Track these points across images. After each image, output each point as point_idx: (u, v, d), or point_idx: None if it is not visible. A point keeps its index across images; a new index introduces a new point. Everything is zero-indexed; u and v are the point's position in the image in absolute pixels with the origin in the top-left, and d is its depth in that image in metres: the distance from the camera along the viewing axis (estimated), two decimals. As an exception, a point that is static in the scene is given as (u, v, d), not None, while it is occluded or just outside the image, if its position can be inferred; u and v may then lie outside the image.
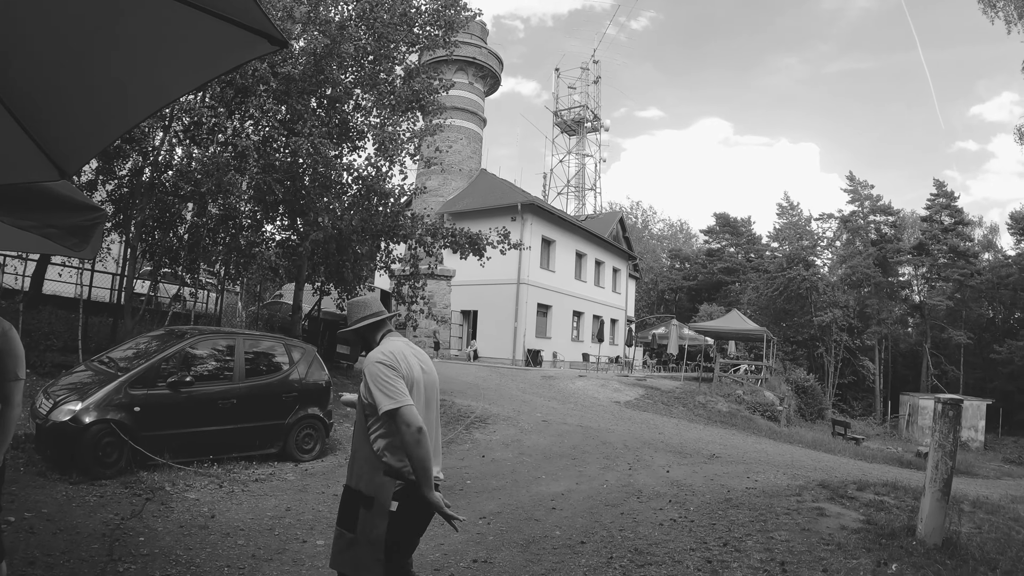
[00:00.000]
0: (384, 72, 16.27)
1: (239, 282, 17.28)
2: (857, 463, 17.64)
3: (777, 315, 60.98)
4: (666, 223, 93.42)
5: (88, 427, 8.13)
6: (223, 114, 13.97)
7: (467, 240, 17.80)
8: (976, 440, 38.27)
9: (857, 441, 29.45)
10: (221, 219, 14.18)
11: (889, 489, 10.12)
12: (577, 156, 59.64)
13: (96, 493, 7.57)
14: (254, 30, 1.97)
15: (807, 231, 68.64)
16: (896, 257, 62.53)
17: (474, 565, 6.18)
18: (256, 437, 10.03)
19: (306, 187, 14.81)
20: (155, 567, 5.57)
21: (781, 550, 6.70)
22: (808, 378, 41.31)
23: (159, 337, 10.23)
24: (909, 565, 6.12)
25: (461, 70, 38.93)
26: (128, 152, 13.34)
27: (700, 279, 74.32)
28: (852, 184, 66.23)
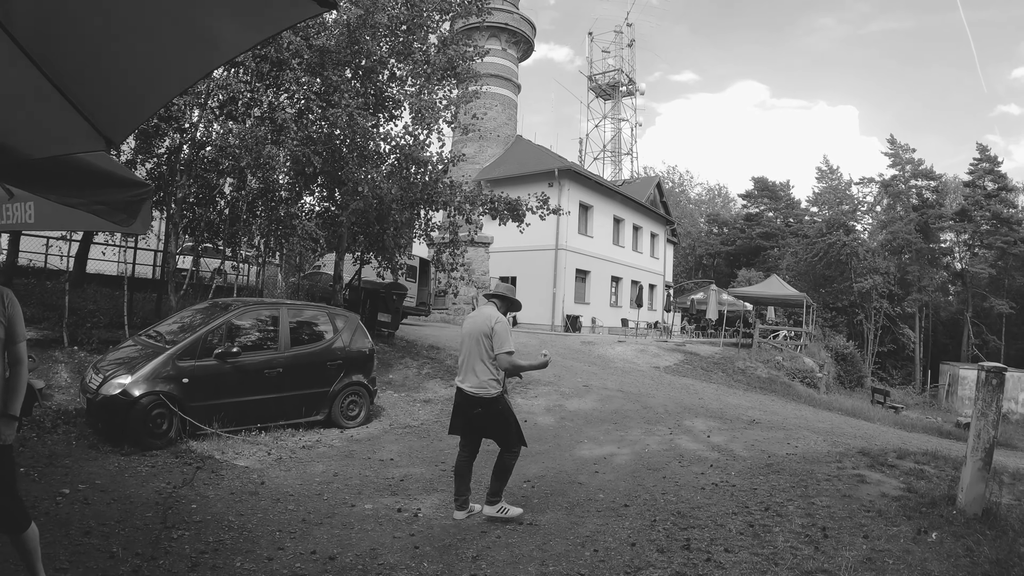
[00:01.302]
0: (418, 41, 16.22)
1: (279, 254, 17.42)
2: (896, 432, 17.49)
3: (816, 281, 60.29)
4: (704, 187, 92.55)
5: (138, 399, 8.32)
6: (259, 88, 14.03)
7: (506, 206, 17.77)
8: (1017, 412, 37.60)
9: (896, 410, 29.13)
10: (260, 192, 14.30)
11: (929, 458, 10.05)
12: (613, 121, 59.10)
13: (148, 463, 7.76)
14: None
15: (847, 195, 67.48)
16: (938, 223, 61.25)
17: (520, 527, 6.26)
18: (302, 405, 10.20)
19: (344, 157, 14.87)
20: (208, 533, 5.70)
21: (822, 515, 6.72)
22: (848, 345, 40.86)
23: (204, 310, 10.42)
24: (949, 534, 6.13)
25: (494, 36, 38.68)
26: (165, 130, 13.48)
27: (738, 244, 73.66)
28: (893, 148, 64.94)
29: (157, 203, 14.41)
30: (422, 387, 14.56)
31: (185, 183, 13.74)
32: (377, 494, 7.20)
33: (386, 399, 13.07)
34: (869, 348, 57.43)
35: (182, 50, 2.37)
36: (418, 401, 13.40)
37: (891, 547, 5.80)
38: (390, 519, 6.37)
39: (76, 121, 2.73)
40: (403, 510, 6.65)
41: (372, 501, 6.89)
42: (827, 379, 30.33)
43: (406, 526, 6.18)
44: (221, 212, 14.81)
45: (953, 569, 5.33)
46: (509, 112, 40.67)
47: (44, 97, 2.58)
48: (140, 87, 2.64)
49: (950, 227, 63.11)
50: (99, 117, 2.76)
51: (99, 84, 2.63)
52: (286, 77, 14.00)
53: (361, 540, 5.76)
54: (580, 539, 5.95)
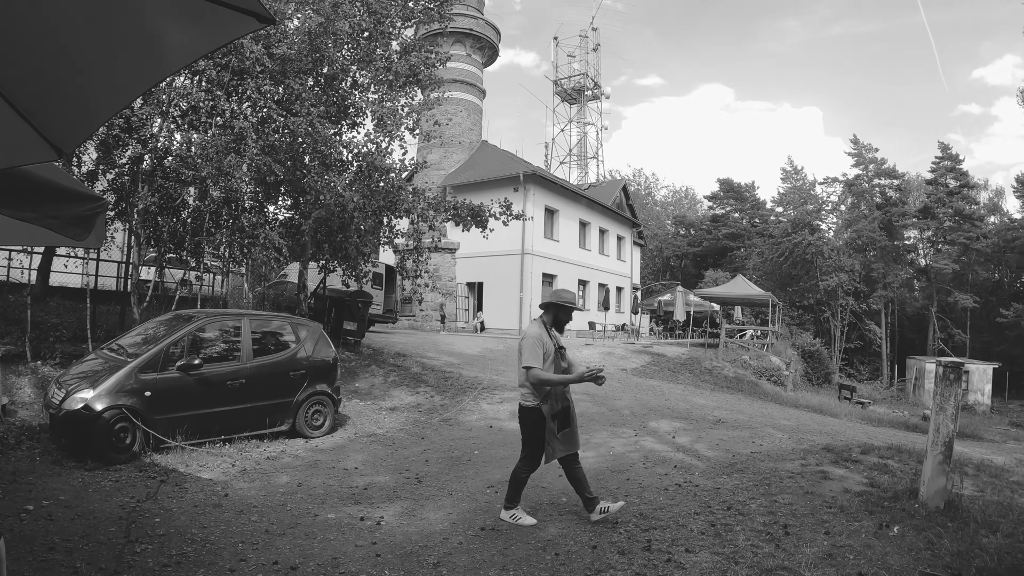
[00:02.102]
0: (380, 48, 16.23)
1: (244, 264, 17.34)
2: (863, 427, 17.73)
3: (783, 280, 61.01)
4: (670, 189, 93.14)
5: (100, 414, 8.29)
6: (220, 97, 13.97)
7: (469, 212, 17.83)
8: (983, 404, 38.33)
9: (863, 405, 29.52)
10: (223, 202, 14.24)
11: (893, 452, 10.21)
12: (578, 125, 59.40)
13: (112, 478, 7.72)
14: (242, 9, 2.02)
15: (811, 195, 68.34)
16: (901, 221, 62.26)
17: (482, 533, 6.30)
18: (266, 415, 10.18)
19: (306, 166, 14.85)
20: (172, 546, 5.70)
21: (784, 513, 6.81)
22: (814, 343, 41.34)
23: (166, 322, 10.35)
24: (911, 527, 6.22)
25: (458, 42, 38.69)
26: (127, 140, 13.37)
27: (705, 245, 74.28)
28: (856, 147, 65.83)
29: (119, 214, 14.30)
30: (388, 395, 14.56)
31: (147, 193, 13.63)
32: (341, 503, 7.22)
33: (352, 408, 13.07)
34: (836, 345, 58.17)
35: (129, 60, 2.40)
36: (384, 409, 13.40)
37: (852, 542, 5.89)
38: (353, 528, 6.39)
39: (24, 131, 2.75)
40: (366, 519, 6.66)
41: (335, 510, 6.90)
42: (794, 377, 30.64)
43: (368, 534, 6.19)
44: (184, 222, 14.72)
45: (914, 562, 5.42)
46: (474, 117, 40.69)
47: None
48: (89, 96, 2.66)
49: (913, 224, 64.11)
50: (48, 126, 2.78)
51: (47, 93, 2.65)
52: (248, 86, 13.96)
53: (323, 550, 5.78)
54: (542, 543, 6.00)
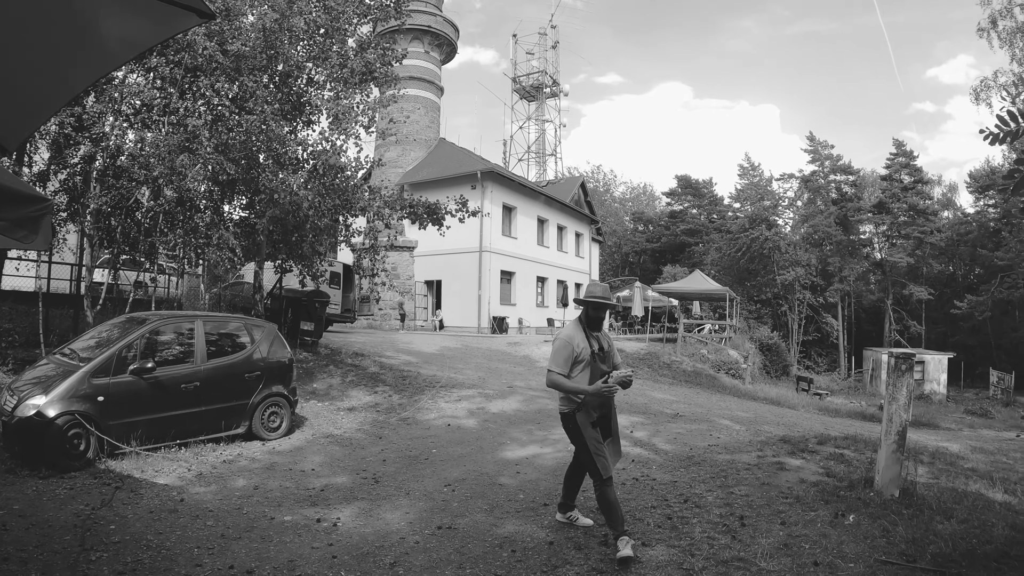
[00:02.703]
0: (336, 45, 16.12)
1: (199, 265, 17.15)
2: (820, 417, 18.01)
3: (740, 275, 61.69)
4: (628, 186, 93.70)
5: (53, 420, 8.16)
6: (173, 95, 13.80)
7: (425, 210, 17.78)
8: (939, 393, 39.05)
9: (821, 396, 29.94)
10: (177, 202, 14.06)
11: (849, 442, 10.38)
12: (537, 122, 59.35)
13: (66, 486, 7.61)
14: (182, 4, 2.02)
15: (768, 191, 69.18)
16: (857, 216, 63.33)
17: (439, 532, 6.31)
18: (222, 418, 10.08)
19: (260, 165, 14.72)
20: (127, 553, 5.65)
21: (740, 504, 6.90)
22: (772, 336, 41.87)
23: (120, 324, 10.20)
24: (866, 516, 6.33)
25: (416, 39, 38.55)
26: (79, 139, 13.17)
27: (663, 241, 74.91)
28: (812, 144, 66.73)
29: (72, 215, 14.08)
30: (346, 395, 14.51)
31: (99, 193, 13.44)
32: (297, 505, 7.19)
33: (309, 409, 13.00)
34: (793, 338, 58.99)
35: (69, 55, 2.40)
36: (342, 410, 13.35)
37: (808, 532, 6.00)
38: (309, 530, 6.37)
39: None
40: (323, 520, 6.64)
41: (292, 513, 6.88)
42: (752, 370, 31.00)
43: (325, 536, 6.18)
44: (138, 223, 14.52)
45: (869, 550, 5.51)
46: (432, 115, 40.59)
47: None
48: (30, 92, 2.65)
49: (869, 219, 65.19)
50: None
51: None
52: (201, 83, 13.80)
53: (279, 552, 5.76)
54: (499, 540, 6.04)
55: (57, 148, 13.55)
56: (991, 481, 8.19)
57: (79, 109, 12.64)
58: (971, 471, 9.01)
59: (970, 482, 8.11)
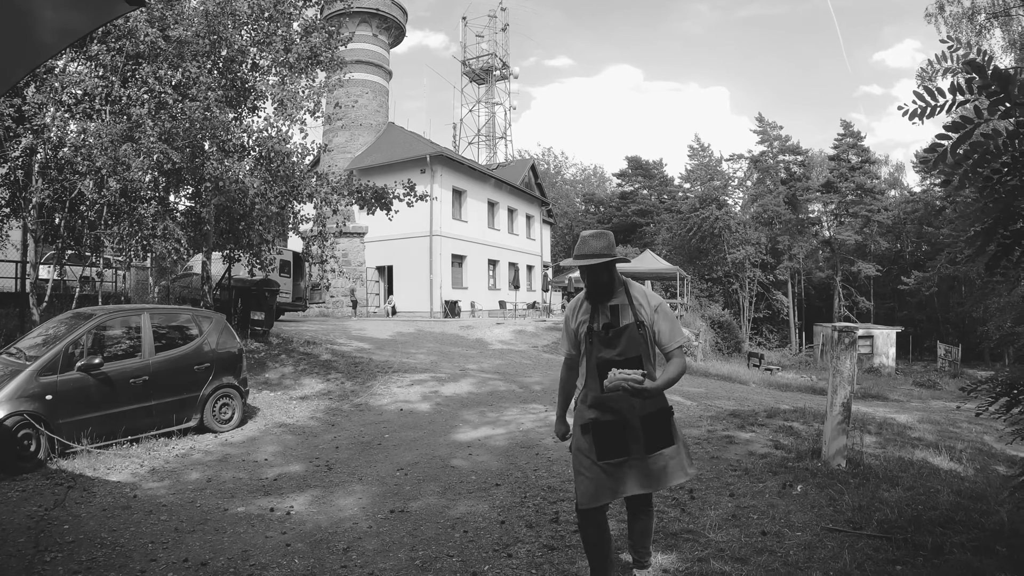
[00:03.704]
0: (281, 29, 15.97)
1: (146, 257, 16.92)
2: (771, 392, 18.34)
3: (692, 254, 62.49)
4: (578, 168, 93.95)
5: (1, 421, 8.04)
6: (115, 83, 13.59)
7: (373, 195, 17.73)
8: (888, 366, 39.77)
9: (771, 371, 30.41)
10: (121, 193, 13.87)
11: (798, 415, 10.63)
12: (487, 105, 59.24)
13: (18, 488, 7.52)
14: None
15: (718, 172, 69.91)
16: (805, 195, 64.60)
17: (391, 516, 6.38)
18: (173, 412, 10.02)
19: (205, 152, 14.58)
20: (81, 552, 5.63)
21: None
22: (723, 313, 42.50)
23: (66, 320, 10.07)
24: (813, 486, 6.51)
25: (364, 23, 38.18)
26: (19, 132, 12.92)
27: (615, 222, 75.27)
28: (762, 125, 67.67)
29: (14, 210, 13.83)
30: (299, 384, 14.47)
31: (42, 187, 13.21)
32: (251, 496, 7.21)
33: (262, 399, 12.97)
34: (745, 315, 60.04)
35: (1, 48, 2.40)
36: (294, 399, 13.33)
37: (756, 503, 6.16)
38: (263, 519, 6.41)
39: None
40: (276, 509, 6.68)
41: (245, 503, 6.91)
42: (703, 347, 31.38)
43: (278, 525, 6.22)
44: (83, 216, 14.30)
45: (816, 519, 5.67)
46: (380, 99, 40.28)
47: None
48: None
49: (817, 198, 66.50)
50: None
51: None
52: (143, 71, 13.60)
53: (233, 543, 5.80)
54: (451, 521, 6.12)
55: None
56: (937, 449, 8.44)
57: (19, 100, 12.41)
58: (918, 440, 9.26)
59: (916, 451, 8.36)
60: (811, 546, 5.14)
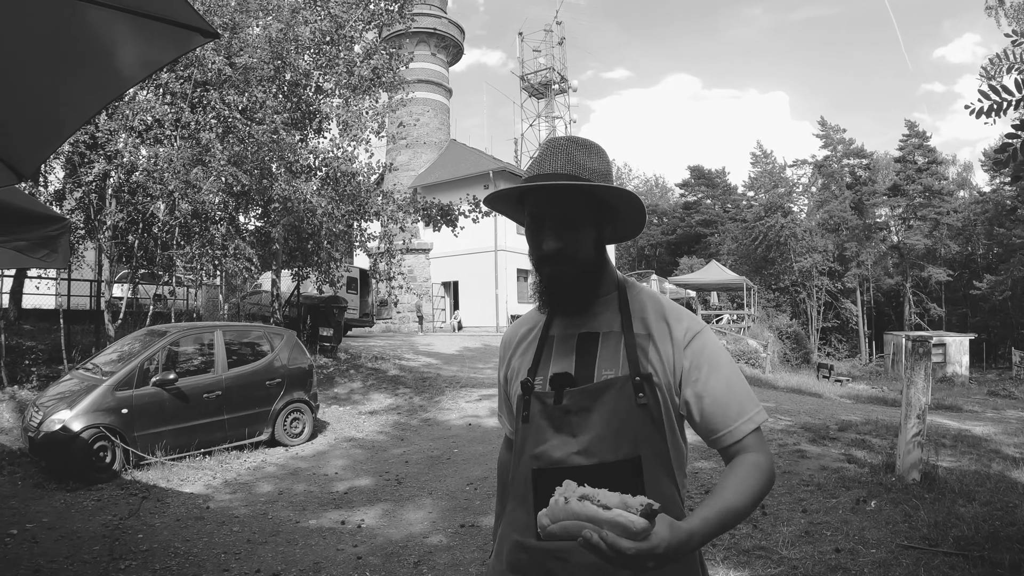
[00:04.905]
0: (343, 52, 16.24)
1: (217, 276, 17.30)
2: (842, 404, 17.91)
3: (757, 264, 61.37)
4: (641, 179, 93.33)
5: (79, 434, 8.27)
6: (184, 109, 13.93)
7: (439, 212, 17.87)
8: (961, 375, 38.51)
9: (842, 382, 29.70)
10: (193, 215, 14.20)
11: (870, 428, 10.36)
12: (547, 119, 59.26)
13: (93, 497, 7.72)
14: (186, 25, 2.09)
15: (782, 178, 68.69)
16: (872, 199, 62.75)
17: (462, 530, 6.37)
18: (244, 426, 10.19)
19: (273, 174, 14.85)
20: (155, 560, 5.74)
21: (761, 494, 6.92)
22: (791, 324, 41.63)
23: (140, 337, 10.33)
24: (888, 501, 6.32)
25: (423, 42, 38.59)
26: (93, 158, 13.31)
27: (679, 233, 74.63)
28: (824, 129, 66.22)
29: (89, 232, 14.25)
30: (367, 399, 14.59)
31: (115, 210, 13.59)
32: (321, 509, 7.27)
33: (331, 413, 13.10)
34: (813, 325, 58.66)
35: (81, 80, 2.46)
36: (363, 413, 13.43)
37: (829, 519, 5.99)
38: (334, 532, 6.45)
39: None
40: (347, 522, 6.72)
41: (316, 516, 6.96)
42: (772, 358, 30.81)
43: (350, 538, 6.25)
44: (155, 237, 14.67)
45: (891, 535, 5.50)
46: (442, 117, 40.60)
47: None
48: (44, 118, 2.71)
49: (884, 202, 64.55)
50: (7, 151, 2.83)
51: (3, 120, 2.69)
52: (211, 97, 13.93)
53: (305, 555, 5.84)
54: (521, 536, 6.05)
55: (72, 167, 13.69)
56: (1015, 463, 8.16)
57: (92, 128, 12.79)
58: (994, 453, 8.97)
59: (993, 464, 8.09)
60: (886, 564, 4.98)
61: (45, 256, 4.64)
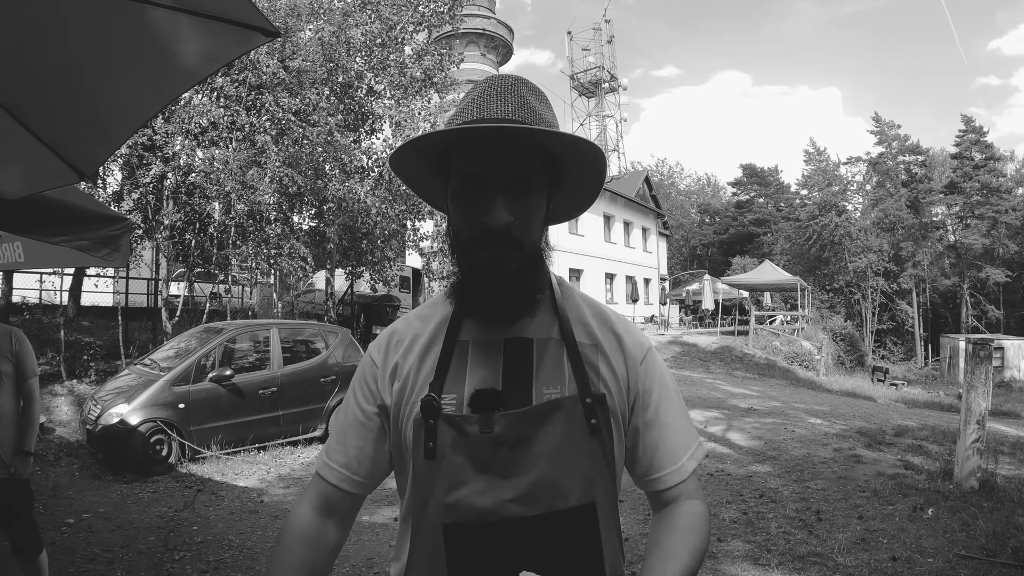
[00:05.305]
0: (394, 54, 16.39)
1: (271, 274, 17.56)
2: (897, 408, 17.61)
3: (811, 264, 60.40)
4: (693, 178, 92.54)
5: (136, 427, 8.45)
6: (239, 112, 14.17)
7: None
8: (1020, 380, 37.47)
9: (897, 386, 29.16)
10: (248, 215, 14.45)
11: (928, 433, 10.20)
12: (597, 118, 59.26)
13: (149, 489, 7.89)
14: (247, 24, 2.12)
15: (836, 176, 67.43)
16: (928, 197, 61.14)
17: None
18: (299, 422, 10.31)
19: (327, 175, 15.04)
20: (209, 553, 5.84)
21: (817, 499, 6.84)
22: (845, 325, 41.00)
23: (197, 334, 10.55)
24: (945, 509, 6.23)
25: (472, 43, 38.85)
26: (150, 160, 13.60)
27: (731, 232, 73.81)
28: (878, 125, 64.77)
29: (146, 232, 14.58)
30: (420, 396, 14.65)
31: (172, 210, 13.87)
32: (374, 504, 7.31)
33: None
34: (867, 327, 57.51)
35: (142, 81, 2.51)
36: (416, 411, 13.50)
37: (886, 526, 5.92)
38: (387, 528, 6.49)
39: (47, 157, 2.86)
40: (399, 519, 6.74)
41: (369, 512, 7.00)
42: (826, 361, 30.37)
43: (402, 533, 6.28)
44: (211, 236, 14.96)
45: (949, 544, 5.42)
46: (493, 117, 40.68)
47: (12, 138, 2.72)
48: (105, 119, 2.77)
49: (940, 200, 62.97)
50: (68, 151, 2.89)
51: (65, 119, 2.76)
52: (265, 99, 14.16)
53: (358, 551, 5.88)
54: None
55: (130, 169, 14.01)
56: (1076, 472, 7.97)
57: (149, 131, 13.06)
58: (1057, 463, 8.77)
59: (1055, 474, 7.91)
60: (943, 573, 4.91)
61: (107, 255, 4.73)
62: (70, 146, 2.86)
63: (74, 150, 2.90)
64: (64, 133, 2.79)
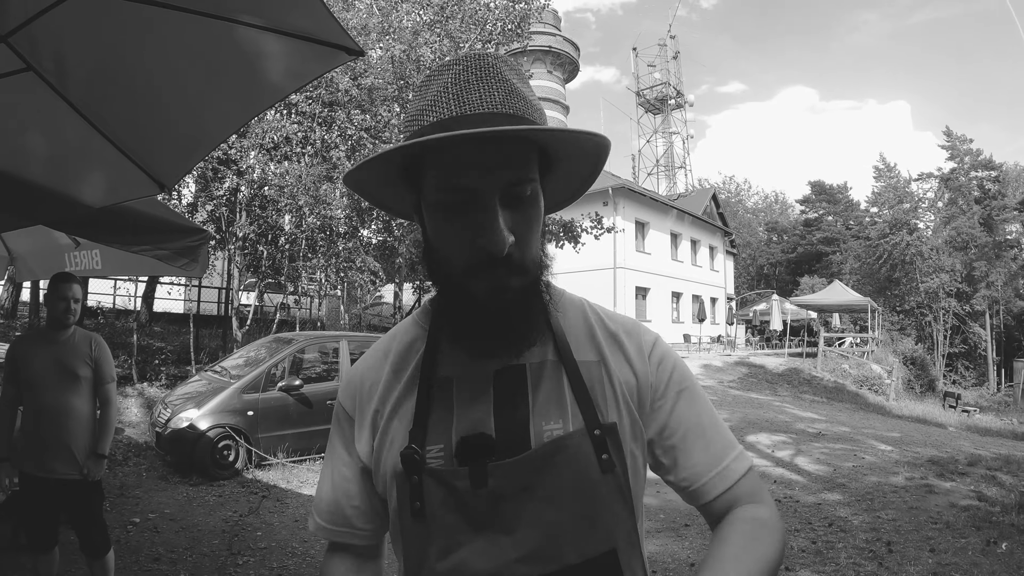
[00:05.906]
0: (463, 71, 16.57)
1: (339, 287, 17.83)
2: (970, 437, 17.11)
3: (881, 284, 58.86)
4: (760, 196, 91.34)
5: (205, 432, 8.65)
6: (312, 128, 14.47)
7: (560, 228, 17.97)
8: (1099, 407, 36.25)
9: (969, 413, 28.30)
10: (319, 228, 14.71)
11: (1002, 463, 9.91)
12: (664, 135, 59.04)
13: (215, 493, 8.04)
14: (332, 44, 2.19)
15: (907, 193, 65.67)
16: (1002, 215, 58.91)
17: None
18: (363, 433, 10.41)
19: (399, 190, 15.26)
20: (272, 559, 5.92)
21: (887, 529, 6.69)
22: (916, 348, 39.89)
23: (267, 344, 10.76)
24: (1019, 543, 6.08)
25: (538, 60, 39.07)
26: (224, 173, 13.96)
27: (799, 251, 72.57)
28: (949, 140, 62.61)
29: (219, 243, 14.97)
30: (483, 409, 14.69)
31: (245, 222, 14.20)
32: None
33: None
34: (939, 350, 55.80)
35: (227, 99, 2.60)
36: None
37: (958, 560, 5.76)
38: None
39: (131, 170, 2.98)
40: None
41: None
42: (896, 385, 29.65)
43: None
44: (282, 249, 15.26)
45: None
46: (559, 134, 40.80)
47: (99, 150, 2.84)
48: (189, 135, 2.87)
49: (1015, 218, 60.75)
50: (152, 164, 3.00)
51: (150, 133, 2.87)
52: (338, 116, 14.44)
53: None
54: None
55: (204, 181, 14.39)
56: None
57: (225, 145, 13.41)
58: None
59: None
60: (1015, 611, 4.75)
61: (185, 265, 4.88)
62: (154, 158, 2.97)
63: (158, 162, 3.01)
64: (148, 146, 2.90)
